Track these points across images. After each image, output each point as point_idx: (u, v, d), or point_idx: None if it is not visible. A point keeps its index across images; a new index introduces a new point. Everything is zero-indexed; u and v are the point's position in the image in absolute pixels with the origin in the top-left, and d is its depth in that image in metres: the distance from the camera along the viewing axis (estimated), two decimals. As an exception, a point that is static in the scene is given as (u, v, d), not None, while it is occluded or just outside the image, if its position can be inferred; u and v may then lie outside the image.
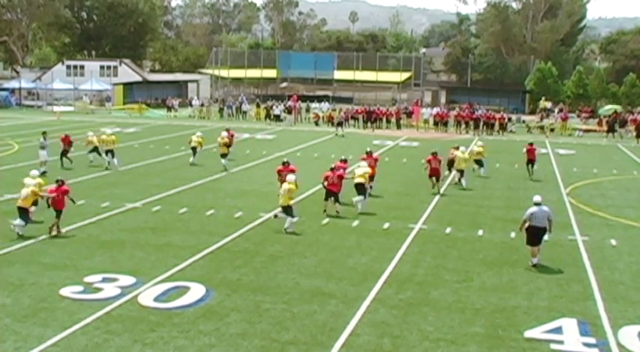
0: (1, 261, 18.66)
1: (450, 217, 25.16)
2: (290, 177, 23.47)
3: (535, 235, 19.25)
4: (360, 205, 25.61)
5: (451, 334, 14.34)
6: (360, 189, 25.82)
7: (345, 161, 27.98)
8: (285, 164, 26.73)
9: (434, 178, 29.65)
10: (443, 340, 14.03)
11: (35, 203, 22.43)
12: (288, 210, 22.69)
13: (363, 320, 14.91)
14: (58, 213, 21.54)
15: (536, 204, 19.37)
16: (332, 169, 25.45)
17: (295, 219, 22.73)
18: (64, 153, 34.79)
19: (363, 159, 28.87)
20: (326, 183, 24.94)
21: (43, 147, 33.61)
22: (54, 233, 21.31)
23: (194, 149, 37.09)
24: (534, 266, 19.10)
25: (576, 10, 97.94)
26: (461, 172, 31.65)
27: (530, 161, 34.98)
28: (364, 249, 20.57)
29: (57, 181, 22.25)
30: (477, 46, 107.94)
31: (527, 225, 19.30)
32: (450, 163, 32.51)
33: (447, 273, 18.42)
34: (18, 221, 21.22)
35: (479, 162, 34.91)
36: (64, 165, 34.02)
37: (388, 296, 16.45)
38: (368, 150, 30.92)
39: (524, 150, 35.67)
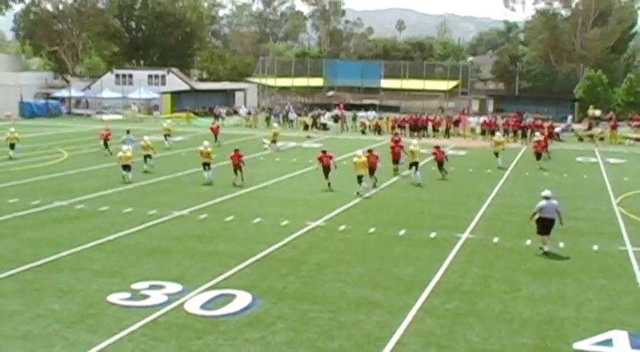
0: (51, 267, 18.95)
1: (498, 227, 24.94)
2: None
3: (544, 226, 21.18)
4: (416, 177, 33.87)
5: (498, 345, 14.19)
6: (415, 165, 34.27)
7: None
8: (324, 152, 32.76)
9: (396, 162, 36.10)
10: (490, 351, 13.89)
11: (128, 168, 32.56)
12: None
13: (410, 329, 14.83)
14: (237, 170, 32.15)
15: (546, 198, 21.28)
16: (370, 151, 33.38)
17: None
18: None
19: (366, 156, 32.68)
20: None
21: (129, 142, 39.15)
22: (238, 183, 31.88)
23: (270, 144, 46.02)
24: (545, 252, 20.98)
25: (627, 16, 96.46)
26: (496, 154, 40.33)
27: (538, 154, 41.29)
28: (411, 259, 20.48)
29: (235, 150, 32.73)
30: (525, 53, 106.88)
31: (537, 216, 21.20)
32: (537, 156, 40.77)
33: (495, 283, 18.25)
34: (210, 172, 32.76)
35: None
36: None
37: (435, 305, 16.35)
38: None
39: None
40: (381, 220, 25.46)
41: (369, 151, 33.72)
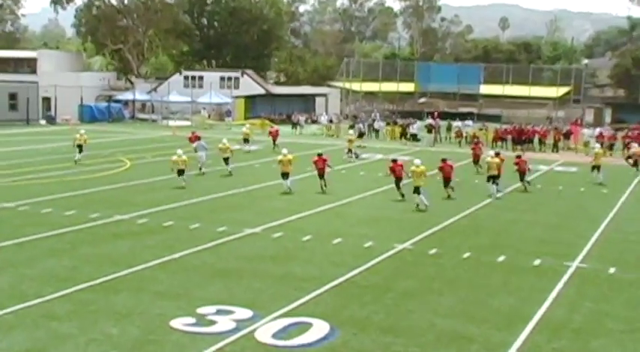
0: (108, 287, 19.26)
1: (615, 255, 24.40)
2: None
3: None
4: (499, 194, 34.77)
5: (613, 391, 13.89)
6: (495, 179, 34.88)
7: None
8: (395, 161, 34.05)
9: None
10: (603, 397, 13.61)
11: (182, 173, 34.82)
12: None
13: (509, 370, 14.64)
14: (322, 175, 34.67)
15: None
16: (444, 160, 34.39)
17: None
18: None
19: (440, 168, 34.35)
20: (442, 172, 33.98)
21: (202, 149, 41.16)
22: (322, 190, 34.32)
23: (354, 152, 49.07)
24: None
25: None
26: (597, 168, 40.18)
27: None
28: (511, 289, 20.20)
29: (319, 154, 35.36)
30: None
31: None
32: (635, 163, 44.02)
33: (611, 321, 17.85)
34: (288, 181, 34.00)
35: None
36: None
37: (538, 344, 16.07)
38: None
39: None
40: (477, 244, 25.21)
41: (444, 161, 34.53)
